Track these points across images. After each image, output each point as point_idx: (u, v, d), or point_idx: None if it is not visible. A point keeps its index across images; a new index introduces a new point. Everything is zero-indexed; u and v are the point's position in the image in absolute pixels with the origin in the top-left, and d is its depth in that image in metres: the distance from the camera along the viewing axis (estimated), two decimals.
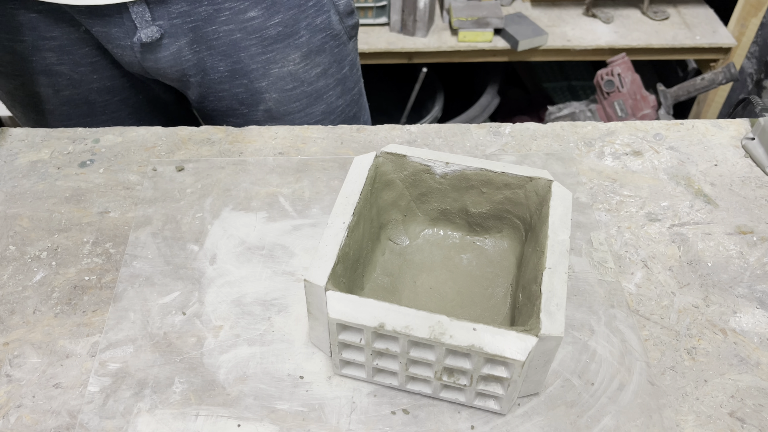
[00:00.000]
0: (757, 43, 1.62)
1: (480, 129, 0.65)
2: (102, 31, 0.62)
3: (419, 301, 0.49)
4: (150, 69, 0.66)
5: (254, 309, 0.48)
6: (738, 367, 0.45)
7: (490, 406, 0.42)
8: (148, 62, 0.65)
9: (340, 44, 0.71)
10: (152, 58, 0.64)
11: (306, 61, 0.69)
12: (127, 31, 0.61)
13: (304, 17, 0.66)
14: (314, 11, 0.67)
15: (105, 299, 0.49)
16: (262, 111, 0.70)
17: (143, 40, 0.61)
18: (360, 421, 0.42)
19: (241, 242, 0.53)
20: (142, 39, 0.61)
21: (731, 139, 0.64)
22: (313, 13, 0.67)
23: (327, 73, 0.71)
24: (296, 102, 0.71)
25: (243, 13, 0.63)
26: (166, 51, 0.64)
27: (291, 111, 0.71)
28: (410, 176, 0.50)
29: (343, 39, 0.71)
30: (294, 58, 0.68)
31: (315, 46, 0.68)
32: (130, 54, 0.64)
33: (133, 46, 0.63)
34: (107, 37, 0.62)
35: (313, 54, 0.69)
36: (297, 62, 0.68)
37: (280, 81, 0.69)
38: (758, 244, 0.54)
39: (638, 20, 1.55)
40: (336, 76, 0.72)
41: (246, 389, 0.44)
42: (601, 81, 1.48)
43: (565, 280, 0.41)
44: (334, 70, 0.72)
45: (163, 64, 0.65)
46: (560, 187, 0.47)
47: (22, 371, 0.44)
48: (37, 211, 0.56)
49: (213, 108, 0.71)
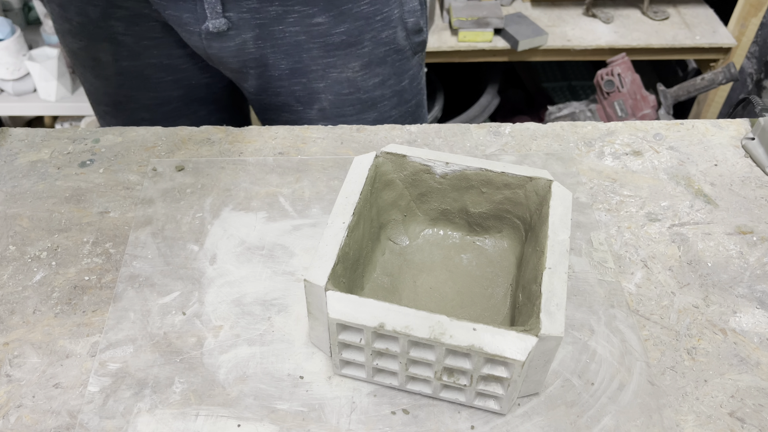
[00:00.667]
0: (757, 43, 1.62)
1: (480, 129, 0.65)
2: (173, 15, 0.64)
3: (419, 301, 0.49)
4: (213, 56, 0.68)
5: (254, 309, 0.48)
6: (738, 367, 0.45)
7: (490, 406, 0.42)
8: (212, 50, 0.67)
9: (403, 59, 0.72)
10: (217, 47, 0.66)
11: (365, 70, 0.70)
12: (197, 18, 0.64)
13: (369, 30, 0.67)
14: (381, 25, 0.68)
15: (105, 299, 0.49)
16: (317, 110, 0.72)
17: (210, 29, 0.64)
18: (360, 421, 0.42)
19: (241, 242, 0.53)
20: (209, 28, 0.64)
21: (731, 139, 0.64)
22: (379, 27, 0.68)
23: (385, 84, 0.72)
24: (350, 107, 0.72)
25: (310, 18, 0.64)
26: (231, 42, 0.66)
27: (344, 114, 0.72)
28: (410, 176, 0.50)
29: (407, 54, 0.72)
30: (354, 66, 0.69)
31: (376, 58, 0.69)
32: (196, 39, 0.66)
33: (201, 32, 0.65)
34: (178, 20, 0.65)
35: (373, 65, 0.70)
36: (356, 70, 0.69)
37: (338, 85, 0.70)
38: (758, 244, 0.54)
39: (638, 20, 1.55)
40: (394, 87, 0.73)
41: (246, 389, 0.44)
42: (601, 81, 1.48)
43: (565, 280, 0.41)
44: (393, 82, 0.73)
45: (226, 53, 0.67)
46: (560, 187, 0.47)
47: (22, 371, 0.44)
48: (37, 211, 0.56)
49: (269, 102, 0.73)
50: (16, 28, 1.48)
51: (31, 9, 1.70)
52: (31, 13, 1.71)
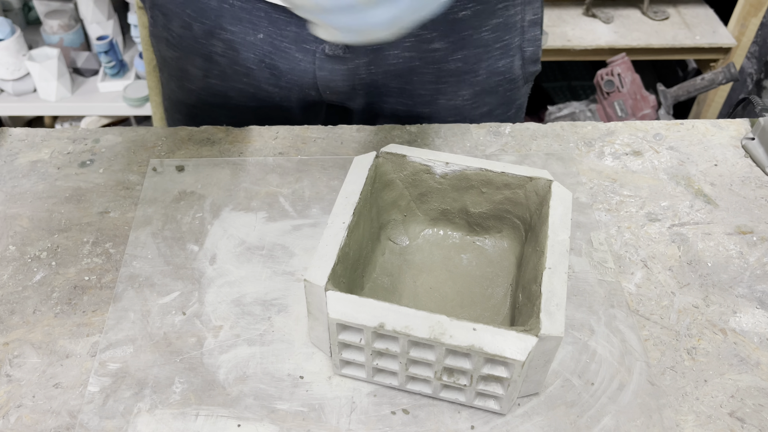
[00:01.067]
0: (757, 43, 1.62)
1: (480, 129, 0.65)
2: (295, 32, 0.63)
3: (419, 301, 0.49)
4: (322, 78, 0.66)
5: (254, 309, 0.48)
6: (738, 367, 0.45)
7: (490, 406, 0.42)
8: (322, 71, 0.65)
9: (514, 88, 0.70)
10: (328, 68, 0.65)
11: (475, 99, 0.68)
12: (317, 38, 0.62)
13: (487, 57, 0.65)
14: (499, 54, 0.65)
15: (105, 299, 0.49)
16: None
17: (327, 51, 0.63)
18: (360, 421, 0.42)
19: (241, 242, 0.53)
20: (326, 50, 0.62)
21: (731, 139, 0.64)
22: (497, 55, 0.65)
23: (492, 114, 0.70)
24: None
25: (428, 44, 0.63)
26: (344, 66, 0.64)
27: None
28: (410, 176, 0.50)
29: (518, 83, 0.70)
30: (464, 94, 0.67)
31: (489, 87, 0.67)
32: (309, 60, 0.64)
33: (316, 52, 0.63)
34: (297, 37, 0.63)
35: (484, 93, 0.68)
36: (466, 98, 0.67)
37: (444, 111, 0.68)
38: (758, 244, 0.54)
39: (638, 20, 1.55)
40: (500, 117, 0.71)
41: (246, 389, 0.44)
42: (601, 81, 1.48)
43: (565, 280, 0.41)
44: (500, 112, 0.71)
45: (337, 76, 0.65)
46: (560, 187, 0.47)
47: (22, 371, 0.44)
48: (37, 211, 0.56)
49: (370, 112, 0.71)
50: (16, 28, 1.48)
51: (31, 9, 1.70)
52: (31, 13, 1.71)
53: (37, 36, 1.65)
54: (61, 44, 1.55)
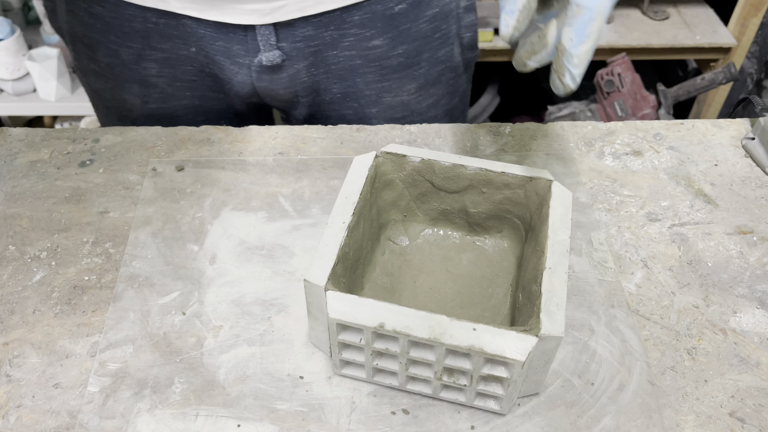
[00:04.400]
0: (757, 43, 1.62)
1: (480, 129, 0.65)
2: (224, 47, 0.61)
3: (419, 301, 0.49)
4: (262, 89, 0.65)
5: (254, 309, 0.48)
6: (738, 367, 0.45)
7: (490, 406, 0.42)
8: (262, 83, 0.64)
9: (456, 76, 0.70)
10: (267, 79, 0.63)
11: (420, 92, 0.67)
12: (248, 50, 0.61)
13: (427, 49, 0.65)
14: (438, 43, 0.65)
15: (105, 299, 0.49)
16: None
17: (264, 62, 0.61)
18: (360, 421, 0.42)
19: (241, 242, 0.53)
20: (262, 61, 0.61)
21: (731, 139, 0.64)
22: (437, 45, 0.65)
23: (438, 104, 0.70)
24: None
25: (368, 41, 0.62)
26: (284, 73, 0.63)
27: None
28: (410, 176, 0.50)
29: (459, 71, 0.70)
30: (409, 88, 0.67)
31: (432, 78, 0.67)
32: (245, 73, 0.63)
33: (251, 65, 0.62)
34: (227, 53, 0.62)
35: (428, 85, 0.67)
36: (411, 92, 0.67)
37: (390, 110, 0.68)
38: (758, 244, 0.54)
39: (638, 20, 1.55)
40: (446, 107, 0.71)
41: (246, 389, 0.44)
42: (601, 81, 1.48)
43: (565, 280, 0.41)
44: (445, 102, 0.71)
45: (278, 85, 0.64)
46: (560, 187, 0.47)
47: (21, 371, 0.44)
48: (36, 211, 0.56)
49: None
50: (16, 28, 1.48)
51: (31, 9, 1.70)
52: (30, 13, 1.70)
53: (37, 36, 1.65)
54: (61, 44, 1.55)
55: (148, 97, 0.67)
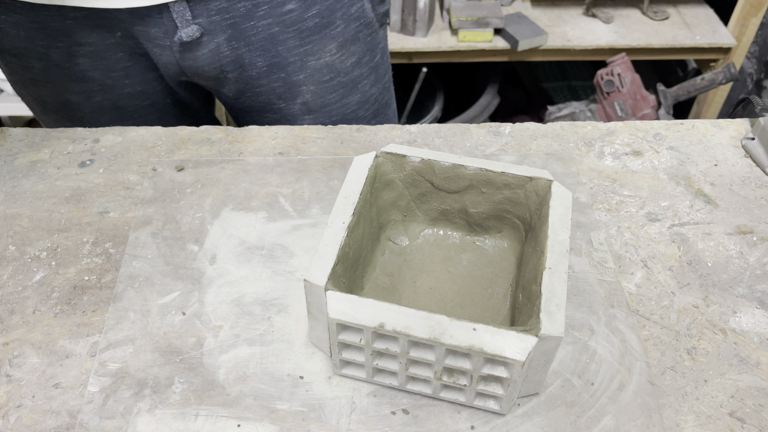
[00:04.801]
0: (757, 43, 1.62)
1: (480, 129, 0.65)
2: (143, 31, 0.62)
3: (419, 301, 0.49)
4: (188, 68, 0.66)
5: (254, 309, 0.48)
6: (738, 367, 0.45)
7: (490, 406, 0.42)
8: (186, 61, 0.65)
9: (373, 32, 0.72)
10: (191, 57, 0.65)
11: (342, 51, 0.69)
12: (167, 30, 0.62)
13: (339, 7, 0.66)
14: (349, 0, 0.67)
15: (105, 299, 0.49)
16: (300, 104, 0.71)
17: (183, 39, 0.62)
18: (360, 421, 0.42)
19: (241, 242, 0.53)
20: (182, 38, 0.62)
21: (731, 139, 0.64)
22: (348, 2, 0.67)
23: (361, 62, 0.72)
24: (333, 93, 0.71)
25: (281, 7, 0.63)
26: (205, 49, 0.64)
27: (328, 103, 0.71)
28: (410, 176, 0.50)
29: (374, 27, 0.72)
30: (330, 48, 0.68)
31: (350, 36, 0.69)
32: (168, 54, 0.64)
33: (173, 45, 0.63)
34: (147, 36, 0.63)
35: (348, 43, 0.69)
36: (333, 53, 0.68)
37: (317, 73, 0.69)
38: (758, 244, 0.54)
39: (638, 20, 1.55)
40: (369, 64, 0.73)
41: (246, 389, 0.44)
42: (601, 81, 1.48)
43: (565, 280, 0.41)
44: (368, 59, 0.72)
45: (202, 62, 0.65)
46: (560, 187, 0.47)
47: (22, 371, 0.44)
48: (36, 211, 0.56)
49: (249, 104, 0.72)
50: None
51: None
52: None
53: None
54: None
55: (90, 91, 0.68)
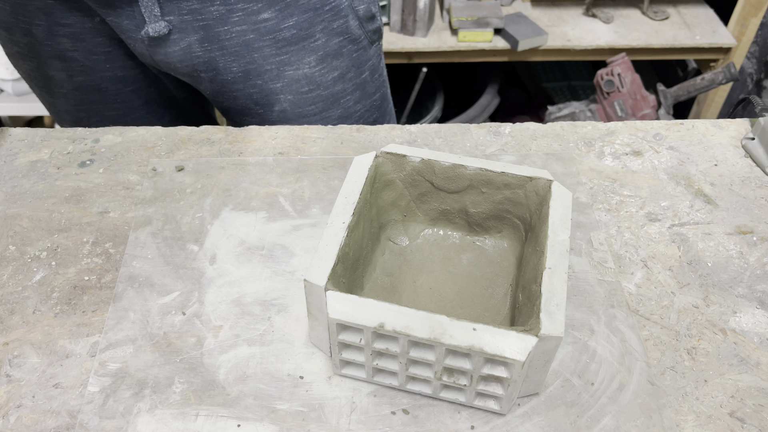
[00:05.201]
0: (757, 43, 1.62)
1: (480, 129, 0.65)
2: (114, 21, 0.63)
3: (419, 301, 0.49)
4: (160, 62, 0.66)
5: (254, 309, 0.48)
6: (738, 367, 0.45)
7: (490, 406, 0.42)
8: (158, 56, 0.65)
9: (360, 49, 0.70)
10: (162, 52, 0.65)
11: (322, 64, 0.68)
12: (137, 23, 0.62)
13: (319, 21, 0.65)
14: (330, 15, 0.66)
15: (105, 299, 0.49)
16: (277, 112, 0.70)
17: (150, 34, 0.62)
18: (360, 421, 0.42)
19: (241, 242, 0.53)
20: (149, 33, 0.62)
21: (731, 139, 0.64)
22: (329, 17, 0.66)
23: (344, 78, 0.70)
24: (312, 105, 0.70)
25: (256, 15, 0.63)
26: (176, 46, 0.64)
27: (306, 114, 0.70)
28: (410, 176, 0.50)
29: (363, 44, 0.70)
30: (309, 61, 0.67)
31: (332, 50, 0.67)
32: (141, 46, 0.65)
33: (143, 38, 0.63)
34: (119, 27, 0.63)
35: (329, 58, 0.68)
36: (312, 65, 0.67)
37: (295, 83, 0.68)
38: (758, 244, 0.54)
39: (638, 20, 1.55)
40: (355, 80, 0.71)
41: (246, 389, 0.44)
42: (601, 81, 1.48)
43: (565, 280, 0.41)
44: (353, 75, 0.71)
45: (173, 58, 0.65)
46: (560, 187, 0.47)
47: (21, 371, 0.44)
48: (36, 211, 0.56)
49: (228, 106, 0.71)
50: None
51: None
52: None
53: None
54: None
55: (71, 70, 0.69)
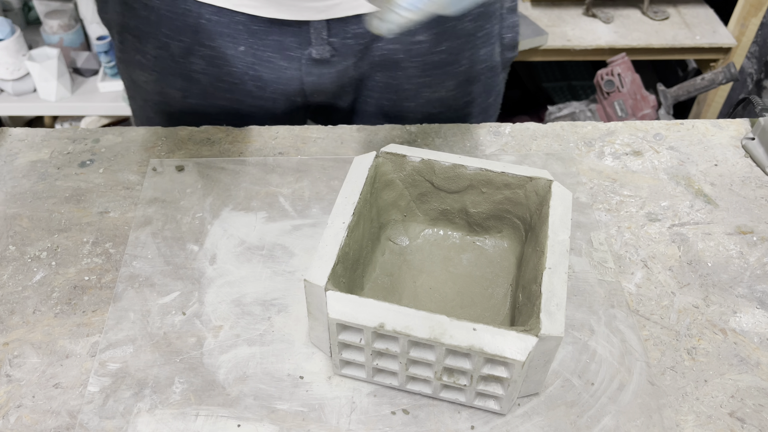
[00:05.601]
0: (757, 43, 1.62)
1: (480, 129, 0.65)
2: (276, 40, 0.62)
3: (419, 301, 0.49)
4: (309, 84, 0.66)
5: (254, 309, 0.48)
6: (738, 367, 0.45)
7: (490, 406, 0.42)
8: (310, 77, 0.65)
9: (494, 75, 0.70)
10: (317, 73, 0.64)
11: (459, 89, 0.68)
12: (301, 42, 0.62)
13: (469, 47, 0.65)
14: (481, 42, 0.66)
15: (105, 299, 0.49)
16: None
17: (313, 55, 0.62)
18: (360, 421, 0.42)
19: (241, 242, 0.53)
20: (312, 54, 0.62)
21: (731, 139, 0.64)
22: (479, 43, 0.66)
23: (474, 103, 0.70)
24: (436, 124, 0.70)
25: (412, 36, 0.63)
26: (333, 69, 0.64)
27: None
28: (410, 176, 0.50)
29: (498, 70, 0.71)
30: (449, 85, 0.67)
31: (471, 76, 0.68)
32: (295, 67, 0.64)
33: (302, 58, 0.63)
34: (279, 46, 0.62)
35: (467, 83, 0.68)
36: (450, 89, 0.68)
37: (428, 104, 0.68)
38: (758, 244, 0.54)
39: (638, 20, 1.55)
40: (481, 105, 0.72)
41: (246, 389, 0.44)
42: (601, 81, 1.48)
43: (565, 280, 0.41)
44: (481, 100, 0.71)
45: (326, 80, 0.65)
46: (560, 187, 0.47)
47: (22, 371, 0.44)
48: (37, 211, 0.56)
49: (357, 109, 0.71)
50: (16, 28, 1.48)
51: (31, 9, 1.70)
52: (31, 13, 1.70)
53: (37, 36, 1.64)
54: (61, 44, 1.55)
55: (189, 92, 0.68)
